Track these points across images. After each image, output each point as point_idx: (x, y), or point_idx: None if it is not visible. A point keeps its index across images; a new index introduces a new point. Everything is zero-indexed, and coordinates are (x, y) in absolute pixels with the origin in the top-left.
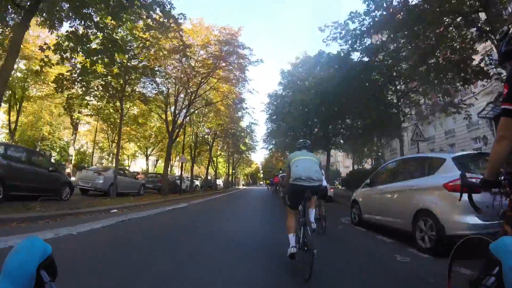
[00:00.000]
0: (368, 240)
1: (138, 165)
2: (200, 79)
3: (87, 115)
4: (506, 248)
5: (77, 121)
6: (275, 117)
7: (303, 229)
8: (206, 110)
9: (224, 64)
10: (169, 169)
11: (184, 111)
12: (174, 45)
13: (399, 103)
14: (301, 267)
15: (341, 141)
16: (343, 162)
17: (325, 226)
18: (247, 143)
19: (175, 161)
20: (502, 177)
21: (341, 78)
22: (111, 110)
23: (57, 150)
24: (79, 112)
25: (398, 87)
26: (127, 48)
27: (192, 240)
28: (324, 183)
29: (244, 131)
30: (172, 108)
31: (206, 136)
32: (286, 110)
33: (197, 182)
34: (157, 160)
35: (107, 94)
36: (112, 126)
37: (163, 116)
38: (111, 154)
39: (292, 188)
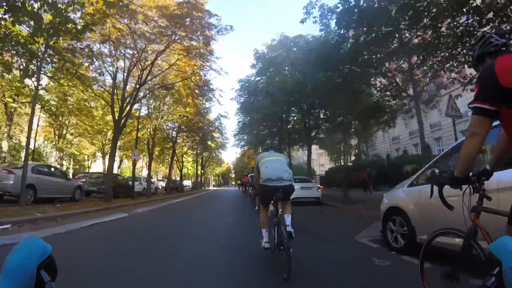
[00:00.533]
0: None
1: (100, 166)
2: (154, 52)
3: (22, 102)
4: (506, 248)
5: (12, 110)
6: (247, 106)
7: (277, 228)
8: (165, 96)
9: (184, 34)
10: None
11: (135, 94)
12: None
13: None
14: (280, 267)
15: (321, 135)
16: (317, 160)
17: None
18: (217, 141)
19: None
20: (471, 173)
21: (325, 68)
22: (53, 98)
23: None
24: (13, 99)
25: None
26: None
27: None
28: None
29: (213, 125)
30: (119, 91)
31: (169, 130)
32: (261, 98)
33: (159, 184)
34: (121, 160)
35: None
36: (54, 116)
37: (109, 99)
38: (58, 152)
39: (263, 189)
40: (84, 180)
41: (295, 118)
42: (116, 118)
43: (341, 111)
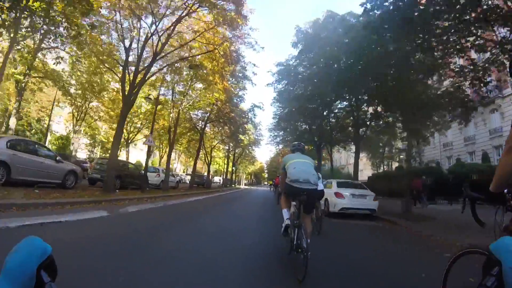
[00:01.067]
0: None
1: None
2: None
3: (35, 77)
4: (506, 248)
5: (23, 85)
6: (285, 94)
7: (297, 230)
8: (191, 78)
9: None
10: (146, 158)
11: (150, 65)
12: None
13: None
14: (295, 268)
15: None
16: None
17: (321, 226)
18: (250, 135)
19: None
20: (506, 191)
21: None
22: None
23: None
24: (25, 74)
25: None
26: None
27: None
28: (321, 186)
29: (246, 115)
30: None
31: (197, 120)
32: (302, 85)
33: (186, 178)
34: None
35: None
36: (70, 97)
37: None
38: (77, 137)
39: (289, 189)
40: (87, 165)
41: (339, 113)
42: (126, 93)
43: (396, 102)
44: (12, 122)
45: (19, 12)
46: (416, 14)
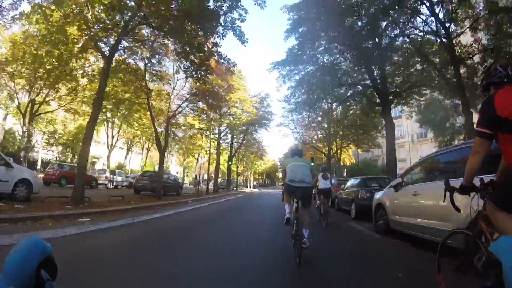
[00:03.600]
0: None
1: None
2: None
3: None
4: (506, 248)
5: None
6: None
7: (297, 222)
8: None
9: None
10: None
11: None
12: None
13: None
14: (295, 253)
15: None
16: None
17: (328, 219)
18: (244, 102)
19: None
20: (479, 183)
21: None
22: None
23: None
24: None
25: None
26: None
27: None
28: (329, 185)
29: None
30: None
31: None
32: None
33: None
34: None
35: None
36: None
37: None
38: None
39: (288, 187)
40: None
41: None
42: None
43: None
44: None
45: None
46: None
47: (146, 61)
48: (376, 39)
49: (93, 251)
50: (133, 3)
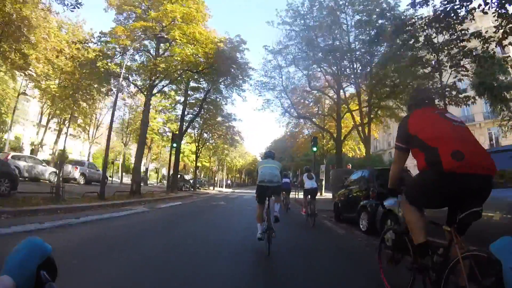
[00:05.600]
0: None
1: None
2: None
3: None
4: (506, 249)
5: None
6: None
7: (268, 217)
8: None
9: None
10: None
11: None
12: None
13: None
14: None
15: None
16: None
17: (315, 220)
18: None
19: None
20: (402, 187)
21: None
22: None
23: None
24: None
25: None
26: None
27: None
28: (315, 184)
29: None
30: None
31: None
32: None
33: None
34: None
35: None
36: None
37: None
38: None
39: (259, 187)
40: None
41: None
42: None
43: None
44: None
45: None
46: None
47: None
48: None
49: None
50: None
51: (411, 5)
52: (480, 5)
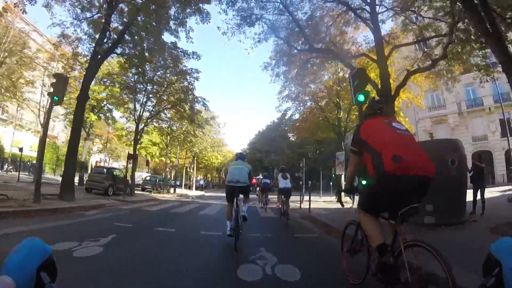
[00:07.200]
0: None
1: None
2: None
3: None
4: (507, 249)
5: None
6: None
7: (236, 215)
8: None
9: None
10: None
11: None
12: None
13: None
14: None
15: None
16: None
17: (287, 219)
18: None
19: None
20: (356, 185)
21: None
22: None
23: None
24: None
25: None
26: None
27: None
28: (289, 184)
29: None
30: None
31: None
32: None
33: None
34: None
35: None
36: None
37: None
38: None
39: (227, 187)
40: None
41: None
42: None
43: None
44: None
45: None
46: None
47: None
48: None
49: None
50: None
51: None
52: None
